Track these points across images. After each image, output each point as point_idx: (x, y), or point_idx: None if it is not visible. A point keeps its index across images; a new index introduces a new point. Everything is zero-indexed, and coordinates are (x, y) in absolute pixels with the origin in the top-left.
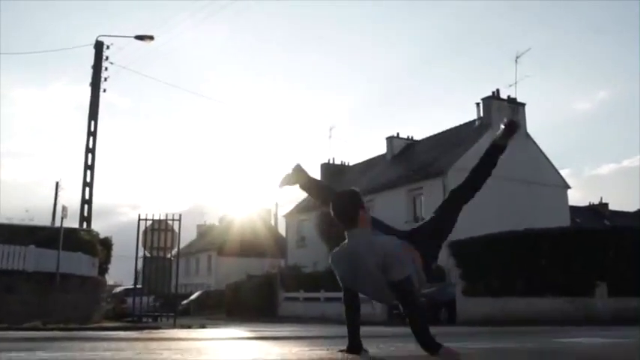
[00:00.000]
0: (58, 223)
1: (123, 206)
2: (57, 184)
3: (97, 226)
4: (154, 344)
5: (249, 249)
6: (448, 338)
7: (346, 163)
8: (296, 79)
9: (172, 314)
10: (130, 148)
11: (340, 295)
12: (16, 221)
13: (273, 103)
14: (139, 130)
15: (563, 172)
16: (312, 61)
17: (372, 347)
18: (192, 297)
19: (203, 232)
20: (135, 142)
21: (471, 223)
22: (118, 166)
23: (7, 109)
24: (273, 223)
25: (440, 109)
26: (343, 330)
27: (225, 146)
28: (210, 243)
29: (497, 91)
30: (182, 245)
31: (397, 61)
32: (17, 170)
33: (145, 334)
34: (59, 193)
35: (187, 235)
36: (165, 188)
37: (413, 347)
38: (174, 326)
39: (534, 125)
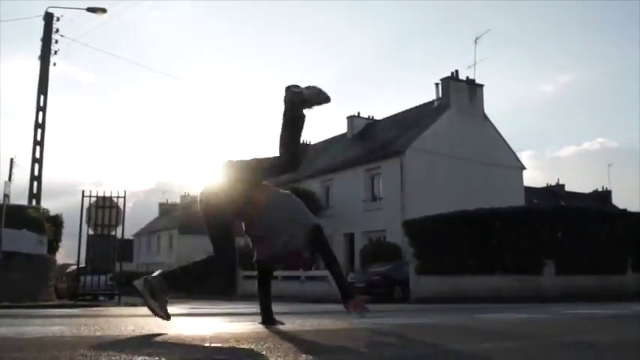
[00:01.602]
0: (10, 201)
1: (86, 184)
2: (11, 160)
3: (59, 204)
4: (65, 320)
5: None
6: (381, 314)
7: (308, 142)
8: (259, 56)
9: (116, 293)
10: (94, 124)
11: (298, 274)
12: None
13: (235, 80)
14: (103, 106)
15: (525, 154)
16: (275, 39)
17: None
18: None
19: (165, 210)
20: (99, 119)
21: (425, 203)
22: (81, 143)
23: None
24: None
25: (403, 89)
26: (296, 307)
27: (188, 125)
28: (172, 221)
29: (456, 72)
30: (144, 223)
31: (360, 42)
32: None
33: (79, 311)
34: (14, 170)
35: (150, 214)
36: (129, 166)
37: (327, 322)
38: (118, 304)
39: (493, 107)
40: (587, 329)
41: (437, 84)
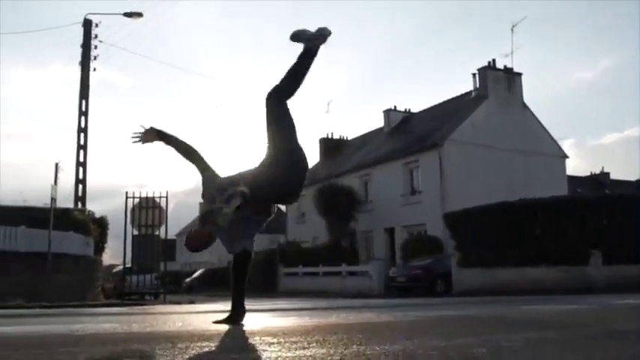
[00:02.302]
0: (57, 204)
1: (129, 186)
2: (56, 165)
3: (103, 206)
4: (113, 318)
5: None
6: (421, 307)
7: (345, 137)
8: (292, 53)
9: (162, 292)
10: (134, 127)
11: (339, 269)
12: (8, 203)
13: (269, 78)
14: (143, 108)
15: (567, 143)
16: None
17: (332, 317)
18: (196, 274)
19: None
20: (138, 121)
21: (465, 195)
22: (122, 146)
23: (2, 91)
24: None
25: (438, 81)
26: (338, 302)
27: (224, 123)
28: None
29: (494, 61)
30: (186, 223)
31: (394, 34)
32: (16, 153)
33: (127, 309)
34: (59, 175)
35: (191, 213)
36: (169, 167)
37: (370, 315)
38: (163, 302)
39: (533, 95)
40: (634, 318)
41: (474, 74)
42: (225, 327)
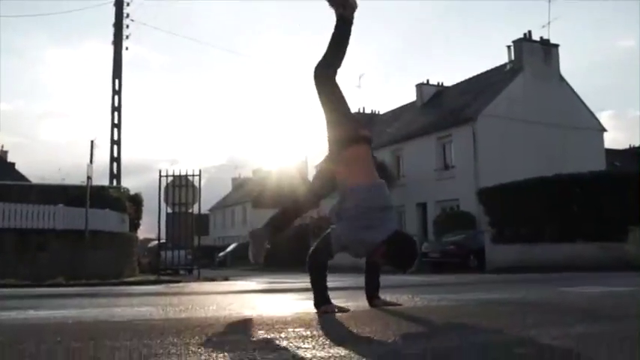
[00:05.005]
0: (93, 182)
1: (162, 161)
2: (92, 142)
3: (137, 181)
4: (150, 299)
5: (283, 200)
6: (452, 288)
7: (377, 112)
8: (324, 28)
9: (195, 268)
10: (167, 103)
11: None
12: (49, 181)
13: (301, 54)
14: (175, 85)
15: (606, 114)
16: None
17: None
18: (229, 249)
19: (238, 185)
20: (171, 98)
21: (500, 170)
22: (155, 123)
23: (40, 71)
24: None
25: (472, 54)
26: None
27: (258, 100)
28: (245, 195)
29: (529, 32)
30: (218, 198)
31: (427, 6)
32: (54, 131)
33: (163, 288)
34: (95, 152)
35: (223, 189)
36: (201, 143)
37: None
38: (198, 279)
39: (570, 67)
40: None
41: (509, 46)
42: (258, 313)
